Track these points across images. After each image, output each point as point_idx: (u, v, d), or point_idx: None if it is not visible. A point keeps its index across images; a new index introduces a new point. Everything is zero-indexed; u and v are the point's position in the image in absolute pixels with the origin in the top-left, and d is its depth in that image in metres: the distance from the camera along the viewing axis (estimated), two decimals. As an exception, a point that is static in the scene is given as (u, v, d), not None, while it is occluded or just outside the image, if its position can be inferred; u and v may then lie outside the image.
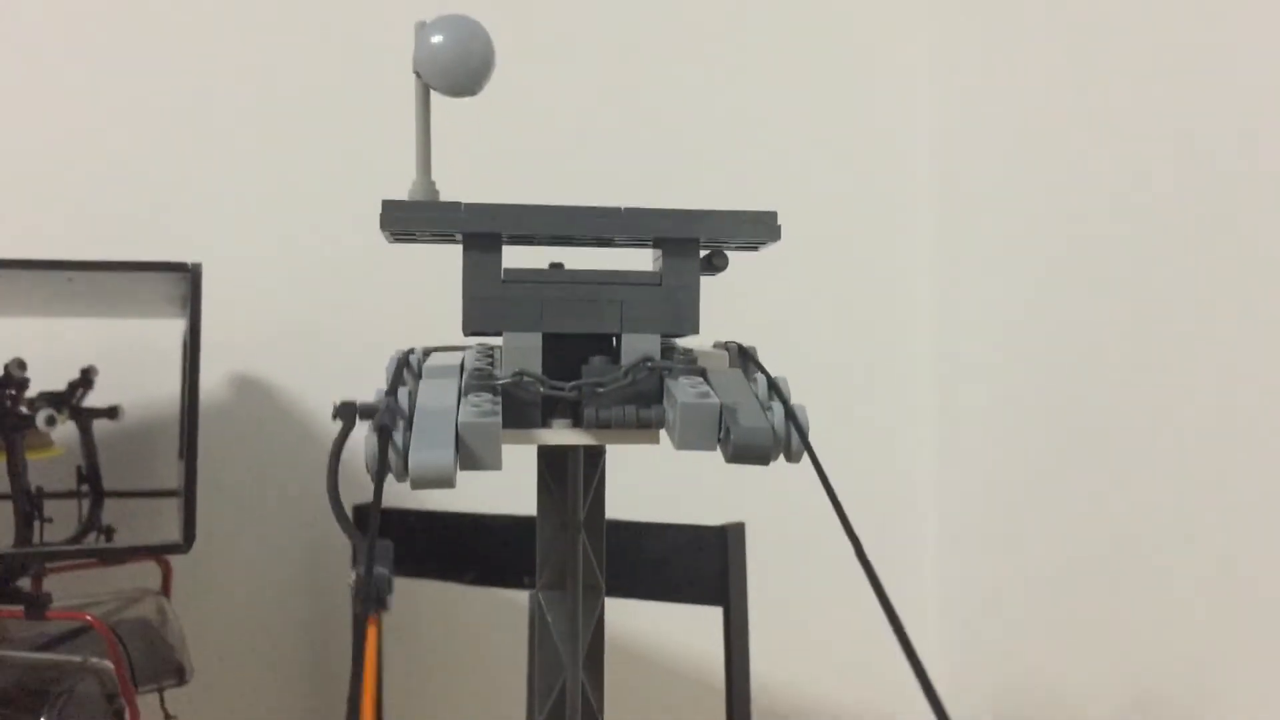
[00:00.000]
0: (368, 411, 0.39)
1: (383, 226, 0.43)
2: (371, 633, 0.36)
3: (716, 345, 0.49)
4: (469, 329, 0.44)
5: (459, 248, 0.44)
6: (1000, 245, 1.03)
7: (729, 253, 0.46)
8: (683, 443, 0.39)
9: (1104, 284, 0.89)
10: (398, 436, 0.38)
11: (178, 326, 0.84)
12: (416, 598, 0.96)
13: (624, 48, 1.06)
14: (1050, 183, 0.96)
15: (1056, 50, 0.95)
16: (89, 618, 0.62)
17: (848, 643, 1.09)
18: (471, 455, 0.38)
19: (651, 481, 0.93)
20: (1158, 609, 0.83)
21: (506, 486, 0.82)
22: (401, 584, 0.91)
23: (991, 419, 1.04)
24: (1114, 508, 0.88)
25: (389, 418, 0.38)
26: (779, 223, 0.44)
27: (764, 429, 0.39)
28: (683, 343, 0.47)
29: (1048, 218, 0.96)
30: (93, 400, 0.80)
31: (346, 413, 0.40)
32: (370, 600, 0.33)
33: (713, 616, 0.77)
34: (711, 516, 0.78)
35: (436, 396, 0.41)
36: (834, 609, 1.08)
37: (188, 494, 0.62)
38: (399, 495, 0.95)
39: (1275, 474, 0.73)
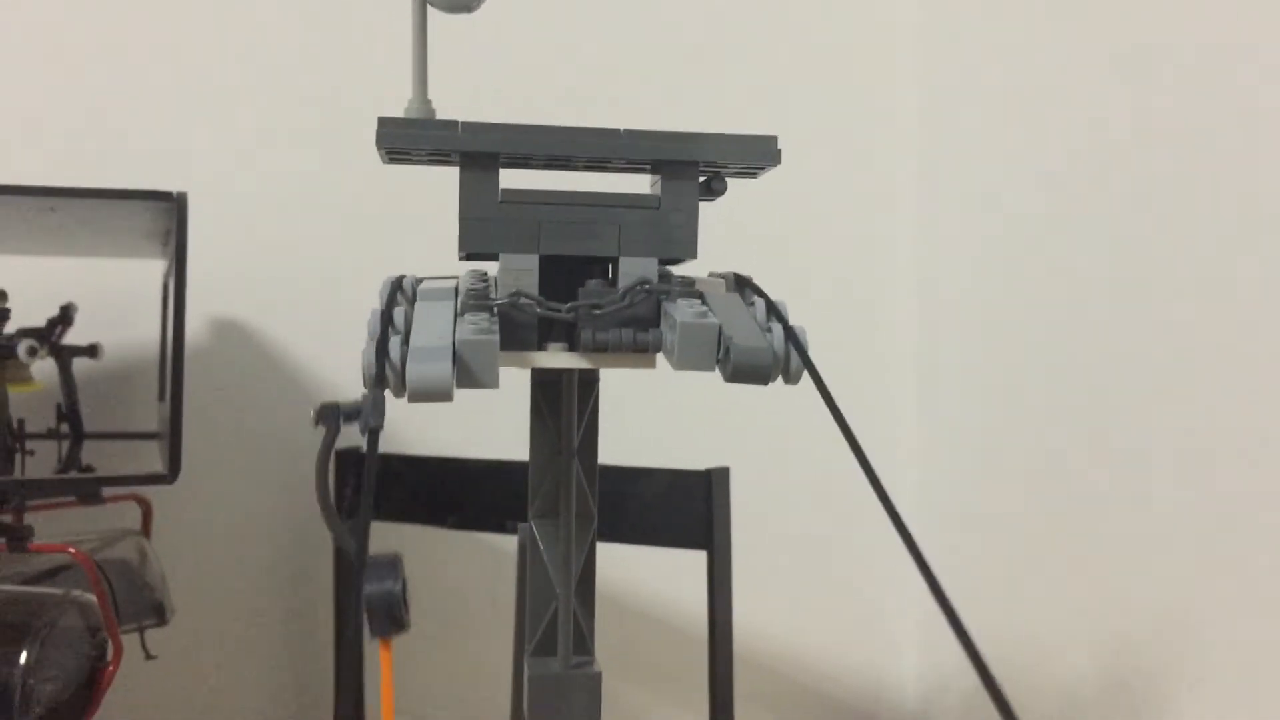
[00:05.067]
0: (352, 414, 0.36)
1: (379, 144, 0.42)
2: (385, 658, 0.34)
3: (712, 274, 0.49)
4: (465, 250, 0.43)
5: (453, 178, 0.44)
6: (983, 200, 1.03)
7: (728, 178, 0.45)
8: (681, 362, 0.39)
9: (1089, 221, 0.89)
10: (394, 352, 0.38)
11: (157, 268, 0.83)
12: (399, 542, 0.96)
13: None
14: (1036, 125, 0.96)
15: (1052, 21, 0.95)
16: (72, 550, 0.62)
17: (830, 588, 1.10)
18: (469, 373, 0.38)
19: (637, 427, 0.93)
20: (1137, 555, 0.84)
21: (487, 430, 0.83)
22: (384, 528, 0.91)
23: (972, 366, 1.04)
24: (1094, 452, 0.88)
25: (384, 334, 0.38)
26: (779, 147, 0.44)
27: (763, 348, 0.39)
28: (678, 271, 0.46)
29: (1035, 154, 0.96)
30: (72, 338, 0.79)
31: (329, 416, 0.37)
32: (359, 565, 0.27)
33: (696, 560, 0.77)
34: (696, 461, 0.78)
35: (433, 315, 0.41)
36: (816, 556, 1.09)
37: (174, 427, 0.61)
38: (384, 440, 0.94)
39: (1255, 432, 0.74)
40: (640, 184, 0.48)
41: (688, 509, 0.77)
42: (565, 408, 0.47)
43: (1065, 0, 0.92)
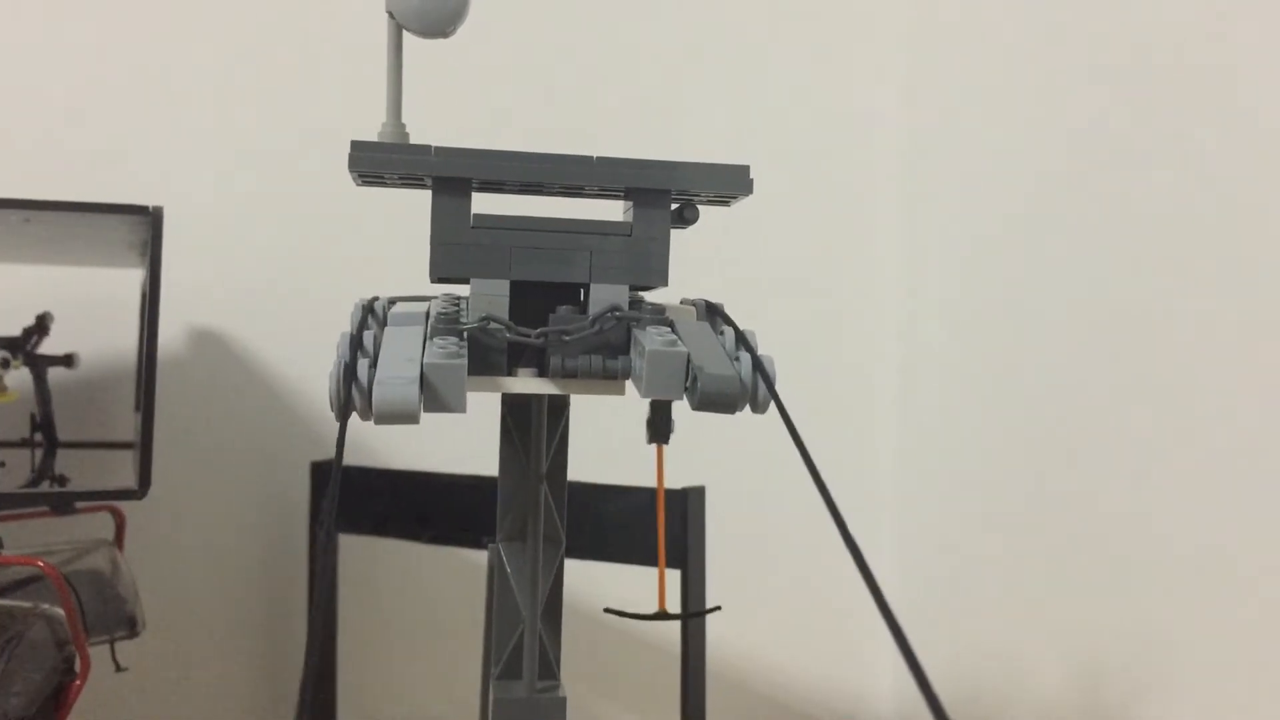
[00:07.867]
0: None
1: (351, 167, 0.42)
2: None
3: (684, 302, 0.49)
4: (436, 275, 0.44)
5: (428, 198, 0.44)
6: (965, 210, 1.03)
7: (700, 206, 0.46)
8: (649, 390, 0.39)
9: (1075, 232, 0.89)
10: (362, 374, 0.38)
11: (135, 276, 0.83)
12: (375, 556, 0.96)
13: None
14: (1021, 136, 0.96)
15: (1039, 28, 0.96)
16: (40, 563, 0.61)
17: (806, 606, 1.10)
18: (436, 397, 0.38)
19: (612, 446, 0.93)
20: (1110, 581, 0.84)
21: (464, 447, 0.83)
22: (360, 541, 0.91)
23: (950, 395, 1.05)
24: (1069, 480, 0.89)
25: (353, 355, 0.38)
26: (751, 177, 0.44)
27: (731, 377, 0.39)
28: (650, 298, 0.47)
29: (1016, 163, 0.96)
30: (48, 348, 0.79)
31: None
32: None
33: (671, 578, 0.77)
34: (675, 478, 0.78)
35: (402, 339, 0.41)
36: (790, 574, 1.09)
37: (144, 441, 0.61)
38: (360, 454, 0.94)
39: (1231, 449, 0.75)
40: (613, 210, 0.48)
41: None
42: (535, 432, 0.47)
43: (1052, 6, 0.93)
